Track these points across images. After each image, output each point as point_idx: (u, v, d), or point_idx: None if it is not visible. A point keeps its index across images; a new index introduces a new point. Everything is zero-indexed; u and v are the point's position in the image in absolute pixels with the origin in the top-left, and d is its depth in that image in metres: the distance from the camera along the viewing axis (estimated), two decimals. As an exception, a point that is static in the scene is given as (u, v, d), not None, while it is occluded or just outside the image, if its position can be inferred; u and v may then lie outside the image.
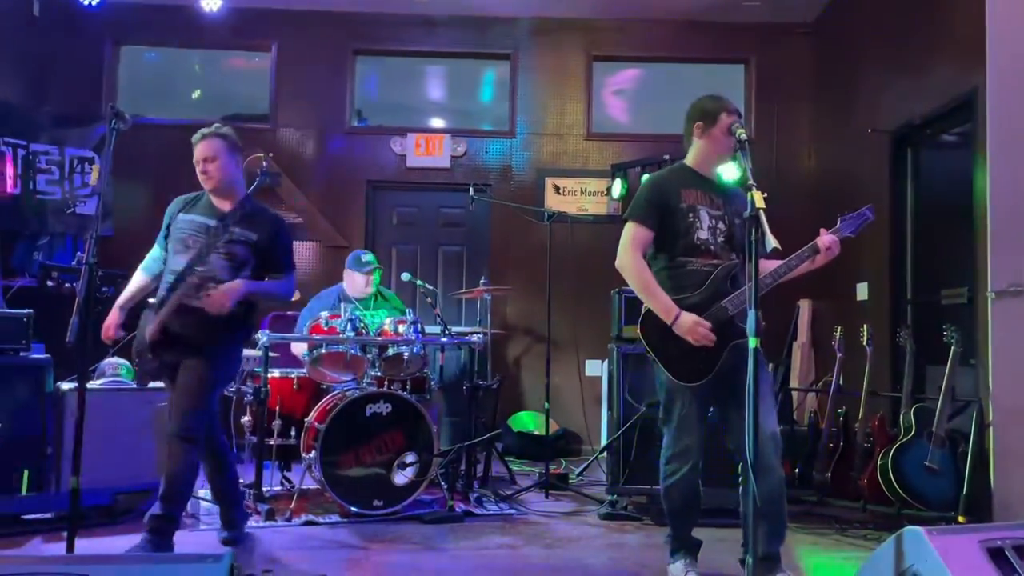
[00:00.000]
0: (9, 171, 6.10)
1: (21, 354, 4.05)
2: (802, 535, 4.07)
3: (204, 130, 3.57)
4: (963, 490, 4.12)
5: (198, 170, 3.53)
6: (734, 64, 7.44)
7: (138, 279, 3.62)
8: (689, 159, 3.27)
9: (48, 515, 3.85)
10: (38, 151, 6.31)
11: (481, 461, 5.27)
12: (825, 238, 3.05)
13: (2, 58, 6.20)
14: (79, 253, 2.78)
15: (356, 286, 5.07)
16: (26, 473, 3.98)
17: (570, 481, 5.39)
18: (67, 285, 5.60)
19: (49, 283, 5.56)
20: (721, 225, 3.15)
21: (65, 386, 4.16)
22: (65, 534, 2.78)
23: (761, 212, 2.54)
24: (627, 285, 3.19)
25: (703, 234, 3.11)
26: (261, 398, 4.33)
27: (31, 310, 4.19)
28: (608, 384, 4.85)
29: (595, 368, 6.78)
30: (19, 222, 6.20)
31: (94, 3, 6.34)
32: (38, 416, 4.06)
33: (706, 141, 3.19)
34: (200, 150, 3.52)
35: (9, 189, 6.09)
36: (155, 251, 3.65)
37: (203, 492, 4.59)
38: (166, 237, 3.58)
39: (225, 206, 3.53)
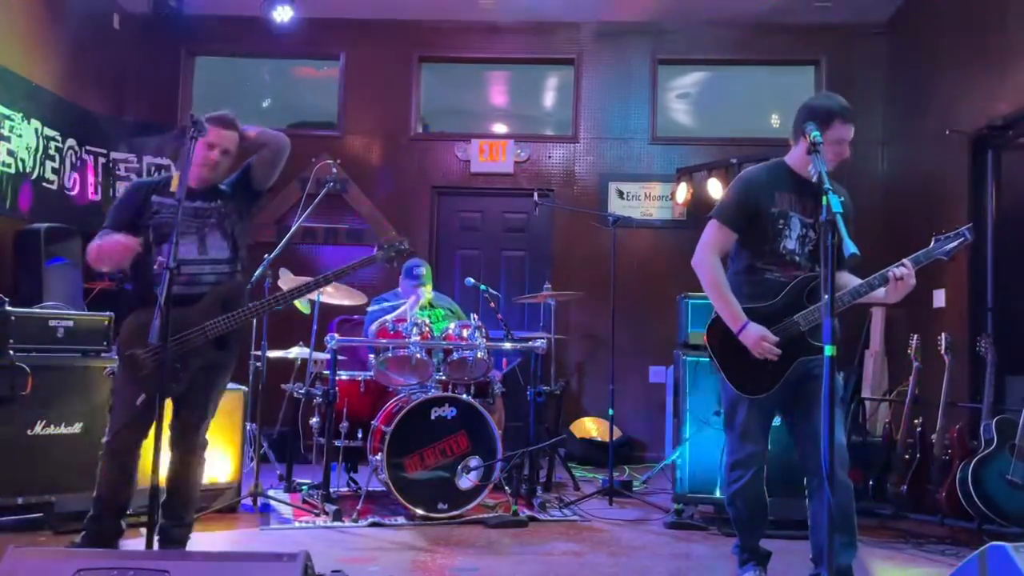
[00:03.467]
0: (91, 178, 6.36)
1: (102, 355, 4.15)
2: (877, 549, 3.95)
3: (225, 115, 3.19)
4: (1048, 506, 3.95)
5: (204, 154, 3.14)
6: (803, 66, 7.29)
7: None
8: (789, 158, 3.10)
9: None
10: (118, 159, 6.56)
11: (544, 467, 5.26)
12: (896, 270, 2.87)
13: (85, 70, 6.45)
14: (159, 257, 2.84)
15: (409, 294, 5.19)
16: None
17: (634, 489, 5.34)
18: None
19: (128, 286, 5.70)
20: (811, 234, 3.01)
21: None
22: (141, 530, 2.86)
23: (838, 216, 2.45)
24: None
25: (790, 243, 3.01)
26: (330, 400, 4.41)
27: (111, 313, 4.29)
28: (673, 392, 4.78)
29: (659, 375, 6.70)
30: (100, 226, 6.42)
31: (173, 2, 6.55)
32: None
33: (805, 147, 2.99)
34: (219, 138, 3.15)
35: (91, 196, 6.34)
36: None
37: (272, 492, 4.69)
38: (135, 223, 3.28)
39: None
